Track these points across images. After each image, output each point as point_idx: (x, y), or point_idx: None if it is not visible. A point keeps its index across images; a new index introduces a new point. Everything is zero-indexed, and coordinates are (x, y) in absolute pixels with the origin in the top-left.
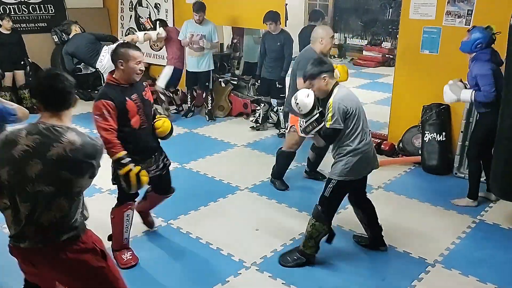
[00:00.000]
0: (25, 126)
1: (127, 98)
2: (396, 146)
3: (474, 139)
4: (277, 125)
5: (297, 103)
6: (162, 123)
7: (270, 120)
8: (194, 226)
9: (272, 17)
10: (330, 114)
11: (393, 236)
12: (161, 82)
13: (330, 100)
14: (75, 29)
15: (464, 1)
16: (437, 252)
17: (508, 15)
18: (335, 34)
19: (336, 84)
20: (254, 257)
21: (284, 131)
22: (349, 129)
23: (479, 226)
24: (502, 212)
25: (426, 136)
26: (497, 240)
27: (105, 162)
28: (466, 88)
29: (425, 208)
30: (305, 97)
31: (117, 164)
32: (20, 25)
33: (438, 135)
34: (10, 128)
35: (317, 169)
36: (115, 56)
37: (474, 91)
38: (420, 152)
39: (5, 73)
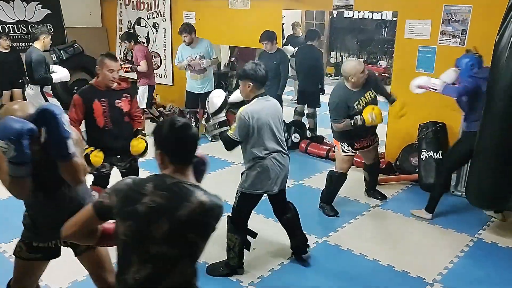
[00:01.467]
0: (150, 178)
1: (95, 100)
2: (393, 164)
3: (455, 153)
4: None
5: (207, 101)
6: (137, 143)
7: None
8: None
9: (268, 36)
10: (234, 124)
11: (391, 255)
12: (142, 104)
13: (240, 110)
14: (42, 40)
15: (459, 21)
16: (436, 271)
17: None
18: (331, 53)
19: (262, 95)
20: (251, 276)
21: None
22: (250, 145)
23: (477, 244)
24: (501, 231)
25: (423, 154)
26: (496, 259)
27: None
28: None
29: (422, 227)
30: (215, 97)
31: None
32: (19, 44)
33: (434, 153)
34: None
35: (376, 188)
36: (97, 63)
37: (446, 83)
38: (417, 170)
39: (3, 91)
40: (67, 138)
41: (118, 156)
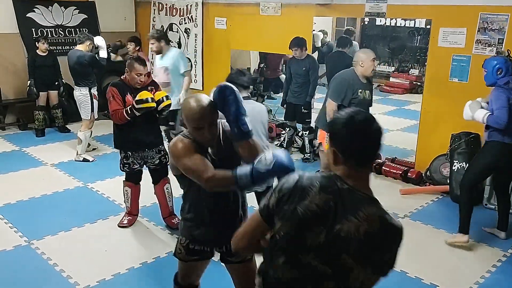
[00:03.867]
0: (320, 176)
1: (128, 93)
2: (423, 174)
3: (474, 167)
4: (302, 149)
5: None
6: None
7: (295, 145)
8: None
9: (298, 43)
10: None
11: (420, 267)
12: None
13: None
14: (87, 45)
15: (495, 29)
16: (466, 286)
17: None
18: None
19: (245, 98)
20: None
21: (308, 156)
22: None
23: (510, 259)
24: None
25: (455, 165)
26: None
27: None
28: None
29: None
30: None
31: (134, 108)
32: (56, 47)
33: (467, 164)
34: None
35: None
36: (126, 65)
37: (488, 114)
38: (448, 181)
39: (40, 93)
40: (245, 115)
41: (148, 149)
